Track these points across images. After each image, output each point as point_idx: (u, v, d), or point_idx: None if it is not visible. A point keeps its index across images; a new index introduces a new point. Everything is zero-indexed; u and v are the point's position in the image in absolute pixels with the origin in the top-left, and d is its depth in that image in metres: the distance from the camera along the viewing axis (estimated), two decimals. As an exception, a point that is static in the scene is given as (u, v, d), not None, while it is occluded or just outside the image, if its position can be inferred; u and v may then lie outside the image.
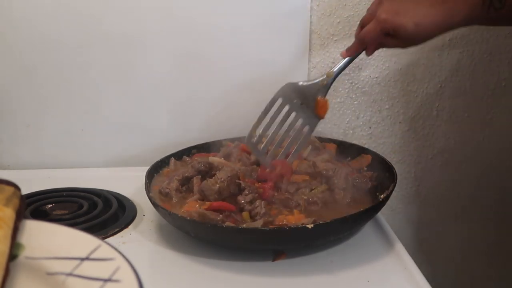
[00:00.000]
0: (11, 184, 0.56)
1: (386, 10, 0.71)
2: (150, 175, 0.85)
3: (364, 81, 1.04)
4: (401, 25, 0.69)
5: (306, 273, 0.68)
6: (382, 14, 0.71)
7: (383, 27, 0.71)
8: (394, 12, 0.70)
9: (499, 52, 1.06)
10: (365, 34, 0.74)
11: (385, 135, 1.09)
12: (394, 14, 0.70)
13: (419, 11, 0.69)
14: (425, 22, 0.69)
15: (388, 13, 0.70)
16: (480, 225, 1.17)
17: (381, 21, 0.71)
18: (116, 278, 0.46)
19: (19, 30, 0.96)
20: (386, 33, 0.72)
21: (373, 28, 0.72)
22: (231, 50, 1.00)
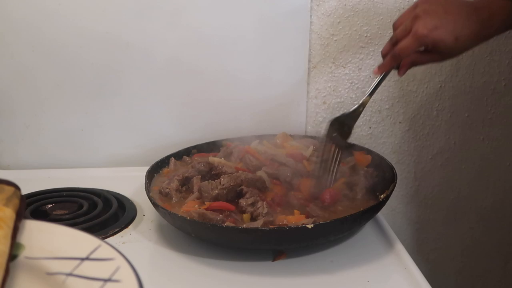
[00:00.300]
0: (11, 184, 0.56)
1: (424, 25, 0.68)
2: (150, 175, 0.85)
3: (364, 81, 1.04)
4: (441, 39, 0.68)
5: (306, 273, 0.68)
6: (421, 29, 0.68)
7: (423, 42, 0.69)
8: (433, 27, 0.68)
9: (499, 52, 1.06)
10: (401, 50, 0.71)
11: (385, 135, 1.09)
12: (433, 29, 0.68)
13: (457, 24, 0.69)
14: (464, 34, 0.69)
15: (426, 28, 0.68)
16: (480, 225, 1.17)
17: (420, 37, 0.69)
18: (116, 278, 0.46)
19: (19, 31, 0.96)
20: (425, 48, 0.70)
21: (411, 44, 0.70)
22: (230, 51, 1.00)
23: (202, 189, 0.76)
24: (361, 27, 1.01)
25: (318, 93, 1.05)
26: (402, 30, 0.72)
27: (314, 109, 1.05)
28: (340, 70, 1.03)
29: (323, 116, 1.06)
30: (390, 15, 1.01)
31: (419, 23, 0.69)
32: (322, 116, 1.06)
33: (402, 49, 0.71)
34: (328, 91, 1.04)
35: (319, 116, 1.06)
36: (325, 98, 1.05)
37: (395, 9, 1.01)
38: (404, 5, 1.01)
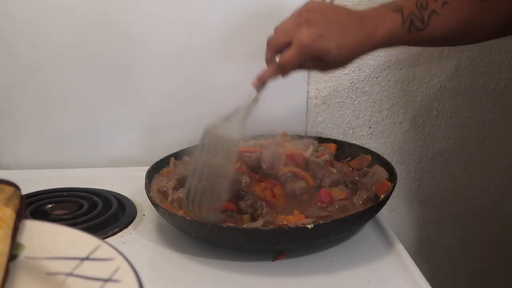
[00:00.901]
0: (11, 184, 0.56)
1: (308, 34, 0.65)
2: (150, 175, 0.85)
3: (364, 81, 1.04)
4: (325, 49, 0.66)
5: (306, 273, 0.68)
6: (305, 39, 0.65)
7: (307, 52, 0.66)
8: (317, 35, 0.65)
9: (499, 52, 1.06)
10: (286, 62, 0.68)
11: (385, 135, 1.09)
12: (318, 38, 0.65)
13: (341, 33, 0.67)
14: (347, 43, 0.67)
15: (310, 37, 0.65)
16: (480, 225, 1.17)
17: (304, 46, 0.66)
18: (116, 278, 0.46)
19: (19, 30, 0.96)
20: (309, 58, 0.67)
21: (296, 54, 0.66)
22: (230, 50, 1.00)
23: None
24: (361, 27, 1.01)
25: (318, 93, 1.05)
26: (282, 33, 0.69)
27: (314, 109, 1.05)
28: (340, 70, 1.03)
29: (323, 116, 1.06)
30: (390, 15, 1.01)
31: (303, 32, 0.66)
32: (322, 116, 1.06)
33: (287, 61, 0.68)
34: (328, 91, 1.04)
35: (319, 116, 1.06)
36: (325, 98, 1.05)
37: (395, 9, 1.01)
38: (404, 5, 1.00)
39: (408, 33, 0.69)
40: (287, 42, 0.67)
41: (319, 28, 0.66)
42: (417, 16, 0.69)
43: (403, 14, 0.69)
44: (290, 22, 0.69)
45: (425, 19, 0.69)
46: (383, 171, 0.82)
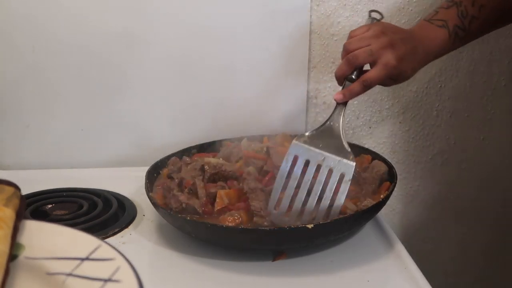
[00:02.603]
0: (11, 184, 0.56)
1: (394, 58, 0.71)
2: (150, 175, 0.85)
3: (364, 81, 1.04)
4: (405, 70, 0.73)
5: (306, 273, 0.68)
6: (391, 61, 0.71)
7: (392, 73, 0.72)
8: (400, 59, 0.72)
9: (499, 52, 1.06)
10: (373, 79, 0.72)
11: (385, 135, 1.09)
12: (400, 61, 0.72)
13: (413, 56, 0.73)
14: (417, 64, 0.75)
15: (396, 60, 0.71)
16: (480, 225, 1.17)
17: (390, 68, 0.71)
18: (116, 278, 0.46)
19: (19, 30, 0.96)
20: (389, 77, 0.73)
21: (383, 74, 0.72)
22: (230, 51, 1.00)
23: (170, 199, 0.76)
24: (361, 27, 1.01)
25: (318, 93, 1.05)
26: (367, 54, 0.72)
27: (314, 109, 1.05)
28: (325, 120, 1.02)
29: (323, 116, 1.06)
30: (390, 15, 1.01)
31: (390, 55, 0.71)
32: (322, 116, 1.06)
33: (374, 79, 0.72)
34: (328, 91, 1.04)
35: (319, 116, 1.06)
36: (325, 98, 1.05)
37: (395, 9, 1.01)
38: (404, 5, 1.01)
39: (453, 44, 0.76)
40: (371, 62, 0.72)
41: (401, 51, 0.72)
42: (460, 27, 0.75)
43: (448, 29, 0.75)
44: (372, 42, 0.72)
45: (466, 26, 0.75)
46: (382, 164, 0.83)
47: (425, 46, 0.75)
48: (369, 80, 0.72)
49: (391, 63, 0.71)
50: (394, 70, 0.72)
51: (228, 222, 0.71)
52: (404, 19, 1.01)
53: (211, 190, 0.77)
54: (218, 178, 0.80)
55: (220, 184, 0.79)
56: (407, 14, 1.01)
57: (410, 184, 1.14)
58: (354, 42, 0.73)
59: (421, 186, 1.14)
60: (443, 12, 0.77)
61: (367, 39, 0.73)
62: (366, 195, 0.78)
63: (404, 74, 0.74)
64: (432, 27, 0.76)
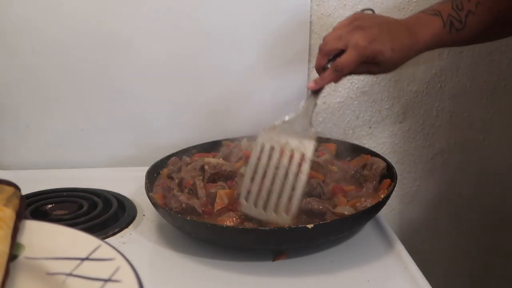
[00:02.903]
0: (11, 184, 0.56)
1: (363, 38, 0.71)
2: (150, 175, 0.85)
3: (364, 81, 1.05)
4: (380, 50, 0.71)
5: (306, 273, 0.68)
6: (360, 42, 0.70)
7: (363, 54, 0.71)
8: (372, 39, 0.71)
9: (499, 52, 1.06)
10: (343, 64, 0.71)
11: (385, 135, 1.09)
12: (372, 41, 0.71)
13: (391, 36, 0.72)
14: (398, 46, 0.72)
15: (365, 40, 0.70)
16: (480, 225, 1.17)
17: (360, 49, 0.70)
18: (116, 278, 0.46)
19: (19, 31, 0.96)
20: (364, 60, 0.72)
21: (353, 57, 0.71)
22: (230, 50, 1.00)
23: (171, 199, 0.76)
24: (361, 27, 1.01)
25: (318, 93, 1.05)
26: (335, 40, 0.72)
27: (314, 109, 1.05)
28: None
29: (323, 116, 1.06)
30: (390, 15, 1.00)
31: (358, 36, 0.71)
32: (322, 116, 1.06)
33: (345, 63, 0.71)
34: (328, 91, 1.04)
35: (319, 116, 1.06)
36: (325, 98, 1.05)
37: (395, 9, 1.01)
38: (404, 5, 1.01)
39: (449, 34, 0.75)
40: (341, 47, 0.72)
41: (372, 32, 0.71)
42: (455, 17, 0.75)
43: (442, 17, 0.74)
44: (342, 30, 0.73)
45: (463, 19, 0.75)
46: (380, 161, 0.84)
47: (414, 32, 0.74)
48: (340, 65, 0.72)
49: (360, 44, 0.70)
50: (365, 51, 0.71)
51: (227, 222, 0.71)
52: (404, 19, 1.01)
53: (211, 190, 0.77)
54: (218, 178, 0.80)
55: (220, 184, 0.79)
56: (407, 14, 1.01)
57: (410, 184, 1.14)
58: (329, 34, 0.75)
59: (421, 186, 1.14)
60: (437, 5, 0.78)
61: (339, 28, 0.74)
62: (368, 193, 0.79)
63: (384, 56, 0.71)
64: (424, 15, 0.76)
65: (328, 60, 0.73)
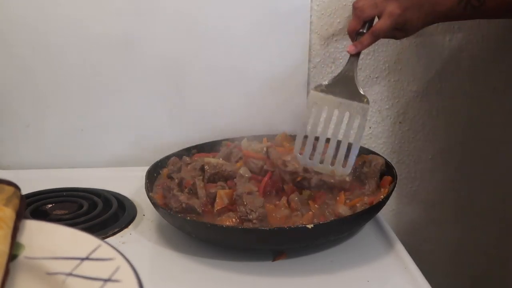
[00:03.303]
0: (11, 184, 0.56)
1: (397, 6, 0.78)
2: (150, 175, 0.85)
3: (364, 81, 1.04)
4: (411, 19, 0.79)
5: (306, 273, 0.68)
6: (395, 10, 0.78)
7: (397, 21, 0.78)
8: (405, 8, 0.78)
9: (499, 52, 1.06)
10: (380, 29, 0.79)
11: (385, 135, 1.09)
12: (405, 9, 0.78)
13: (417, 6, 0.78)
14: (423, 15, 0.79)
15: (399, 9, 0.78)
16: (480, 225, 1.17)
17: (395, 16, 0.78)
18: (116, 278, 0.46)
19: (19, 31, 0.96)
20: (395, 27, 0.79)
21: (388, 23, 0.78)
22: (230, 50, 1.00)
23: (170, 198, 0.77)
24: (361, 27, 1.01)
25: (318, 93, 1.05)
26: (372, 7, 0.80)
27: (314, 109, 1.05)
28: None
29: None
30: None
31: (393, 5, 0.78)
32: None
33: (381, 28, 0.79)
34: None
35: (319, 116, 1.06)
36: (325, 98, 1.05)
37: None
38: (404, 5, 1.00)
39: (465, 10, 0.79)
40: (377, 14, 0.80)
41: (404, 2, 0.78)
42: None
43: None
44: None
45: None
46: (378, 157, 0.85)
47: (433, 3, 0.79)
48: (377, 30, 0.80)
49: (395, 12, 0.78)
50: (399, 18, 0.78)
51: (227, 222, 0.71)
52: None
53: (211, 190, 0.77)
54: (218, 178, 0.80)
55: (220, 184, 0.79)
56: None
57: (410, 184, 1.14)
58: (359, 1, 0.82)
59: (421, 186, 1.14)
60: None
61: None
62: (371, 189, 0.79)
63: (411, 24, 0.79)
64: None
65: (364, 24, 0.81)
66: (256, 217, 0.70)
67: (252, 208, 0.70)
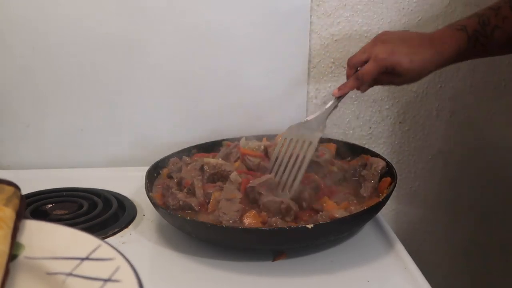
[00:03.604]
0: (11, 184, 0.56)
1: (383, 51, 0.77)
2: (150, 175, 0.85)
3: (364, 81, 1.04)
4: (398, 62, 0.76)
5: (306, 273, 0.68)
6: (380, 54, 0.77)
7: (382, 65, 0.77)
8: (390, 52, 0.77)
9: (499, 52, 1.06)
10: (364, 73, 0.78)
11: (385, 135, 1.09)
12: (391, 53, 0.77)
13: (412, 49, 0.77)
14: (418, 59, 0.76)
15: (385, 53, 0.77)
16: (480, 225, 1.17)
17: (379, 60, 0.77)
18: (116, 278, 0.46)
19: (19, 31, 0.96)
20: (384, 71, 0.77)
21: (373, 67, 0.77)
22: (231, 50, 1.00)
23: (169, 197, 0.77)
24: (361, 27, 1.01)
25: (318, 93, 1.05)
26: (360, 52, 0.80)
27: (314, 109, 1.05)
28: (340, 70, 1.03)
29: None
30: (390, 15, 1.01)
31: (378, 48, 0.78)
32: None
33: (365, 73, 0.78)
34: (328, 91, 1.04)
35: (319, 116, 1.06)
36: (325, 98, 1.05)
37: (395, 9, 1.01)
38: (404, 5, 1.01)
39: (474, 48, 0.78)
40: (365, 59, 0.79)
41: (392, 45, 0.78)
42: (481, 33, 0.77)
43: (467, 32, 0.77)
44: (368, 44, 0.81)
45: (488, 33, 0.77)
46: (379, 160, 0.85)
47: (438, 46, 0.77)
48: (360, 74, 0.79)
49: (380, 56, 0.77)
50: (384, 62, 0.77)
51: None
52: (404, 19, 1.01)
53: (209, 190, 0.77)
54: (217, 178, 0.81)
55: (219, 185, 0.79)
56: (407, 14, 1.01)
57: (410, 184, 1.14)
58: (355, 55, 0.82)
59: (421, 186, 1.14)
60: (464, 20, 0.80)
61: (366, 44, 0.82)
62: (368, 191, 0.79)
63: (401, 67, 0.76)
64: (450, 29, 0.79)
65: (356, 70, 0.81)
66: (227, 220, 0.70)
67: (225, 211, 0.71)
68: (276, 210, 0.72)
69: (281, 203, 0.72)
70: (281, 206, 0.72)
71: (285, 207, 0.72)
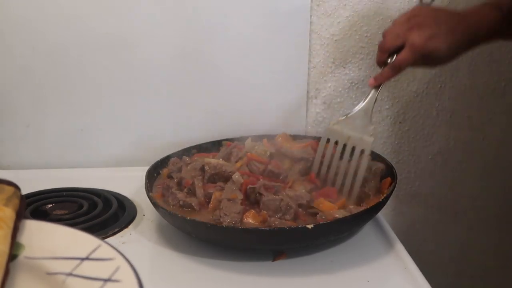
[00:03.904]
0: (11, 184, 0.56)
1: (419, 36, 0.73)
2: (150, 175, 0.85)
3: (364, 81, 1.04)
4: (436, 48, 0.73)
5: (306, 273, 0.68)
6: (417, 41, 0.73)
7: (419, 52, 0.73)
8: (428, 37, 0.72)
9: (499, 52, 1.06)
10: (401, 62, 0.75)
11: (385, 135, 1.09)
12: (428, 39, 0.72)
13: (448, 33, 0.73)
14: (455, 42, 0.73)
15: (422, 39, 0.72)
16: (480, 225, 1.17)
17: (416, 47, 0.73)
18: (116, 278, 0.46)
19: (19, 31, 0.96)
20: (420, 57, 0.74)
21: (409, 55, 0.74)
22: (231, 50, 1.00)
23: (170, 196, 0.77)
24: (361, 27, 1.01)
25: (318, 93, 1.05)
26: (394, 37, 0.75)
27: (314, 109, 1.05)
28: (340, 70, 1.03)
29: (323, 116, 1.06)
30: (390, 15, 1.01)
31: (414, 35, 0.73)
32: (322, 116, 1.06)
33: (402, 61, 0.75)
34: (328, 91, 1.05)
35: (319, 116, 1.06)
36: (325, 98, 1.05)
37: (395, 9, 1.01)
38: (404, 5, 1.01)
39: (508, 29, 0.75)
40: (399, 45, 0.75)
41: (429, 30, 0.73)
42: None
43: (502, 11, 0.74)
44: (401, 27, 0.76)
45: None
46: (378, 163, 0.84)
47: (469, 25, 0.74)
48: (397, 63, 0.75)
49: (416, 43, 0.73)
50: (421, 50, 0.73)
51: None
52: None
53: (209, 190, 0.77)
54: (218, 179, 0.81)
55: (219, 185, 0.79)
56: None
57: (410, 184, 1.14)
58: (388, 30, 0.78)
59: (421, 186, 1.14)
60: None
61: (398, 24, 0.76)
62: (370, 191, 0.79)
63: (440, 52, 0.73)
64: (486, 8, 0.75)
65: (389, 56, 0.77)
66: (228, 221, 0.70)
67: (226, 212, 0.71)
68: (276, 208, 0.72)
69: (281, 200, 0.72)
70: (281, 204, 0.72)
71: (285, 205, 0.72)
